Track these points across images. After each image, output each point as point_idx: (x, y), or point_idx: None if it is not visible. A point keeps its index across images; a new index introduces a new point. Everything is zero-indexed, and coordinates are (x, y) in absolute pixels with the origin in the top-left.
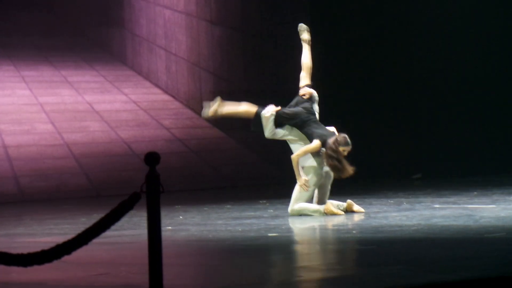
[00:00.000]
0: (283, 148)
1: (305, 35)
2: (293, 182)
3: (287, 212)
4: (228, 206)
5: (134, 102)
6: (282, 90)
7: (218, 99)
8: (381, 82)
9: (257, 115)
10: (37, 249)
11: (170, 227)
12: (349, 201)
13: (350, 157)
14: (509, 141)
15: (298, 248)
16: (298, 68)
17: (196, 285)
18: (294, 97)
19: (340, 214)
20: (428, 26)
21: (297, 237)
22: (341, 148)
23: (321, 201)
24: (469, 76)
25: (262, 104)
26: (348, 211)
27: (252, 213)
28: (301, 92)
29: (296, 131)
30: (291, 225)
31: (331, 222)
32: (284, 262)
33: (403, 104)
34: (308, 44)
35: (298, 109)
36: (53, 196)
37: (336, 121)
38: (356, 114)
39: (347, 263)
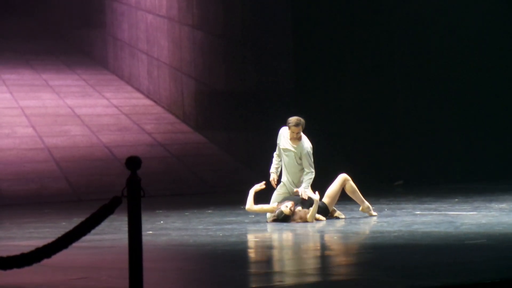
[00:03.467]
0: (265, 154)
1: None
2: (273, 188)
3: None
4: (209, 211)
5: (116, 107)
6: (264, 95)
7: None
8: (363, 87)
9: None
10: (17, 252)
11: (151, 232)
12: None
13: (334, 162)
14: (490, 149)
15: (279, 253)
16: (279, 73)
17: None
18: (274, 105)
19: (321, 220)
20: (409, 28)
21: (277, 243)
22: None
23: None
24: (451, 84)
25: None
26: (330, 217)
27: (233, 218)
28: None
29: None
30: (272, 230)
31: (312, 227)
32: (265, 267)
33: (385, 110)
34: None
35: None
36: (34, 200)
37: (317, 125)
38: (338, 119)
39: (328, 269)
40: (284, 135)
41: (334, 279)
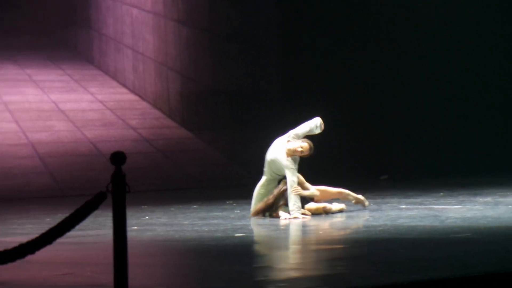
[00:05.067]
0: (250, 149)
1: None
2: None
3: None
4: (195, 206)
5: (101, 102)
6: (250, 90)
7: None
8: (349, 83)
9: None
10: (0, 248)
11: (136, 227)
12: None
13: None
14: (475, 143)
15: (264, 248)
16: (265, 69)
17: (161, 285)
18: (261, 100)
19: (307, 215)
20: (399, 24)
21: (263, 238)
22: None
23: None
24: (435, 79)
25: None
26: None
27: (219, 214)
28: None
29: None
30: (257, 226)
31: (297, 222)
32: (250, 262)
33: (370, 105)
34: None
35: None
36: (17, 195)
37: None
38: (324, 115)
39: (313, 264)
40: (281, 144)
41: (319, 274)
